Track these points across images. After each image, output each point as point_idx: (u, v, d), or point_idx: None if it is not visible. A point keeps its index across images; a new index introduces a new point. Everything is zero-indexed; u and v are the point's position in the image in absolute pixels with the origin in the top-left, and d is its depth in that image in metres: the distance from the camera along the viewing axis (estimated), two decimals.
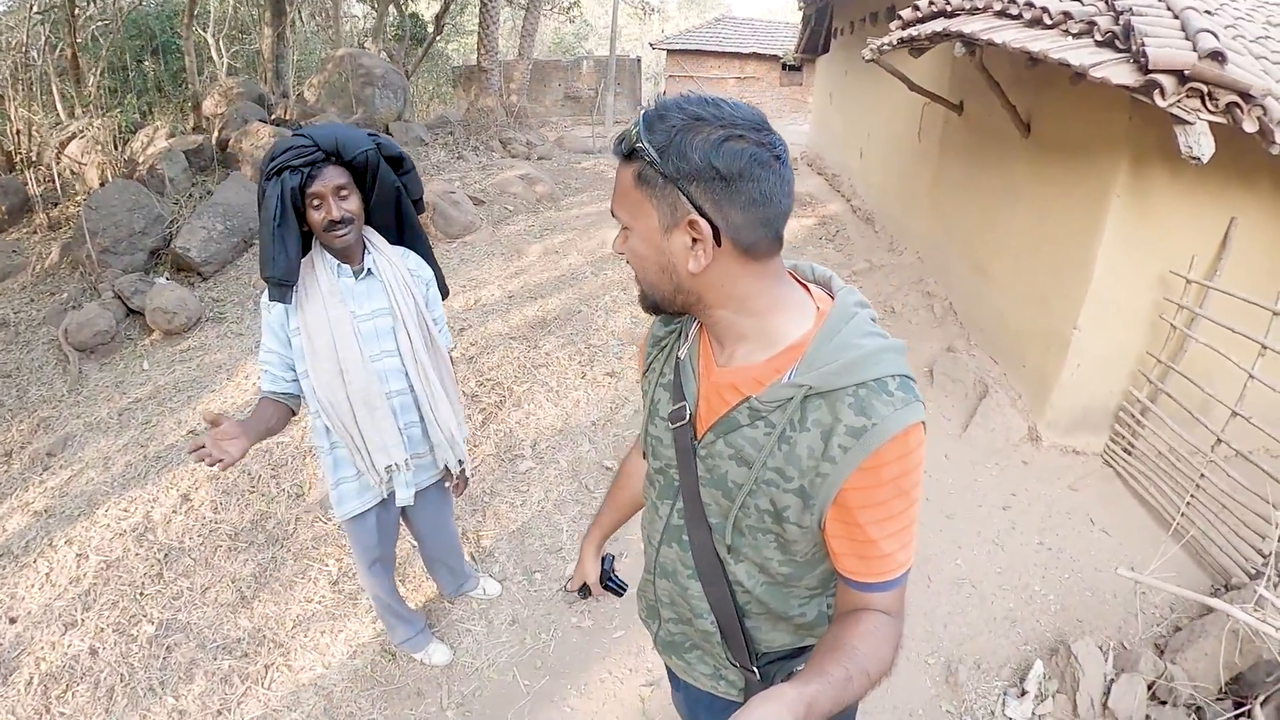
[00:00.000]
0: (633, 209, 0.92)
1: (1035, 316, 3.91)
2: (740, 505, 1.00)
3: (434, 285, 2.14)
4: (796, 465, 0.93)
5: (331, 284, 1.90)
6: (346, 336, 1.90)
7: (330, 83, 9.18)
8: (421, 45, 15.83)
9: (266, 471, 3.69)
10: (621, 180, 0.93)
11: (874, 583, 0.96)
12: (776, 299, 0.96)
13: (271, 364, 1.92)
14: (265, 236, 1.77)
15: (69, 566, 3.15)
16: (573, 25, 21.91)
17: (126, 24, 10.83)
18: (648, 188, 0.89)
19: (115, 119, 7.99)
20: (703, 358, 1.06)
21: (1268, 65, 2.60)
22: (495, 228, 7.42)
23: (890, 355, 0.91)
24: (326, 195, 1.79)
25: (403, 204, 2.03)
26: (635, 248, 0.95)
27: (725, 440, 0.99)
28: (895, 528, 0.93)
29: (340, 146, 1.79)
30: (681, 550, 1.13)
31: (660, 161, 0.86)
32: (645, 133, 0.87)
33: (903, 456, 0.89)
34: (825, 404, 0.90)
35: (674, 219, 0.89)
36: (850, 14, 8.90)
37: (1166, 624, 2.74)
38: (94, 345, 5.37)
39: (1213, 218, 3.25)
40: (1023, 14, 3.16)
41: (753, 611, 1.11)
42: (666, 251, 0.92)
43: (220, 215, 6.40)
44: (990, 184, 4.58)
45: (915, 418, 0.89)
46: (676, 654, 1.27)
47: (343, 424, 1.96)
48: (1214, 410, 3.20)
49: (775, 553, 1.03)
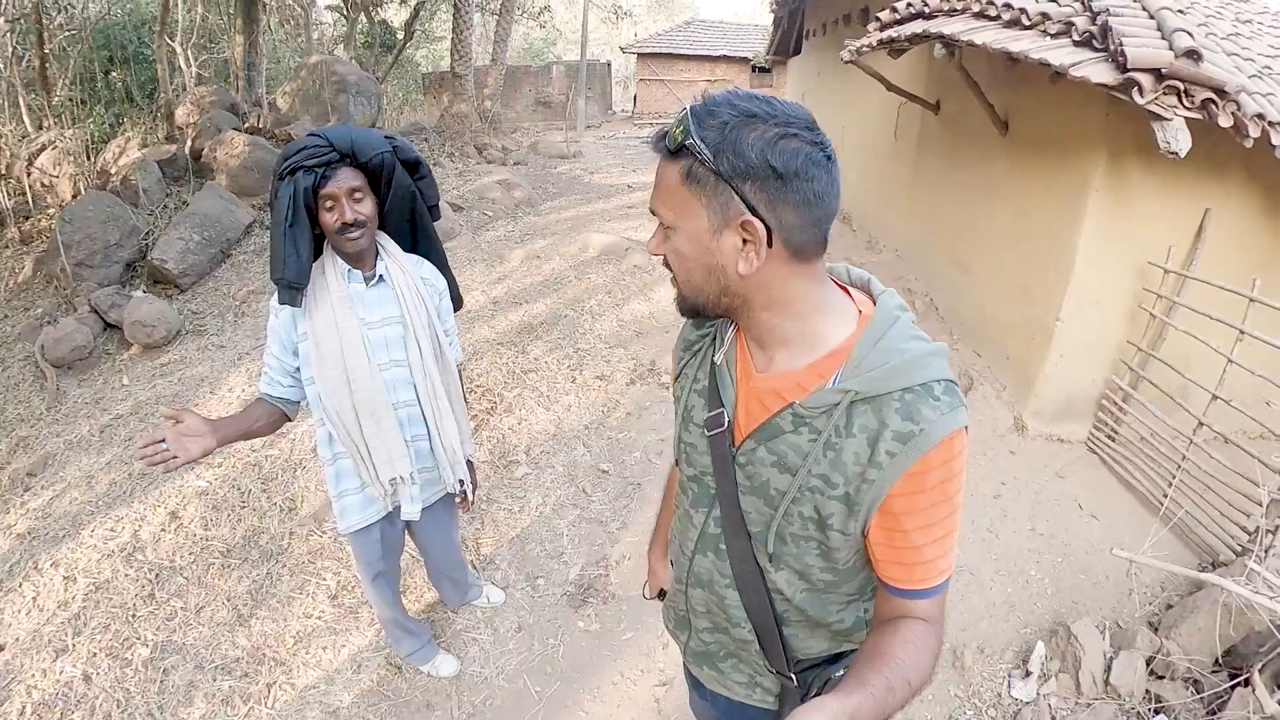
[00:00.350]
0: (679, 208, 0.89)
1: (1017, 309, 4.00)
2: (784, 513, 0.98)
3: (447, 296, 2.09)
4: (842, 472, 0.91)
5: (341, 289, 1.85)
6: (354, 344, 1.86)
7: (304, 90, 9.09)
8: (391, 52, 15.74)
9: (257, 486, 3.64)
10: (665, 177, 0.89)
11: (916, 589, 0.95)
12: (820, 302, 0.94)
13: (272, 368, 1.89)
14: (275, 237, 1.74)
15: (56, 590, 3.07)
16: (543, 30, 21.88)
17: (95, 34, 10.62)
18: (697, 186, 0.86)
19: (86, 130, 7.83)
20: (740, 363, 1.03)
21: (1239, 62, 2.70)
22: (475, 234, 7.39)
23: (935, 360, 0.90)
24: (340, 197, 1.75)
25: (417, 210, 2.00)
26: (680, 248, 0.91)
27: (767, 447, 0.97)
28: (939, 534, 0.92)
29: (355, 148, 1.76)
30: (718, 559, 1.11)
31: (713, 159, 0.83)
32: (696, 128, 0.84)
33: (948, 461, 0.88)
34: (871, 409, 0.89)
35: (725, 219, 0.86)
36: (823, 16, 9.01)
37: (1159, 602, 2.82)
38: (72, 361, 5.25)
39: (1188, 209, 3.36)
40: (1001, 15, 3.24)
41: (791, 619, 1.10)
42: (715, 252, 0.89)
43: (197, 226, 6.29)
44: (969, 181, 4.67)
45: (960, 423, 0.88)
46: (709, 664, 1.25)
47: (348, 433, 1.92)
48: (1194, 395, 3.30)
49: (817, 560, 1.01)
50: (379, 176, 1.84)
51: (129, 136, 8.11)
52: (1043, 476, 3.62)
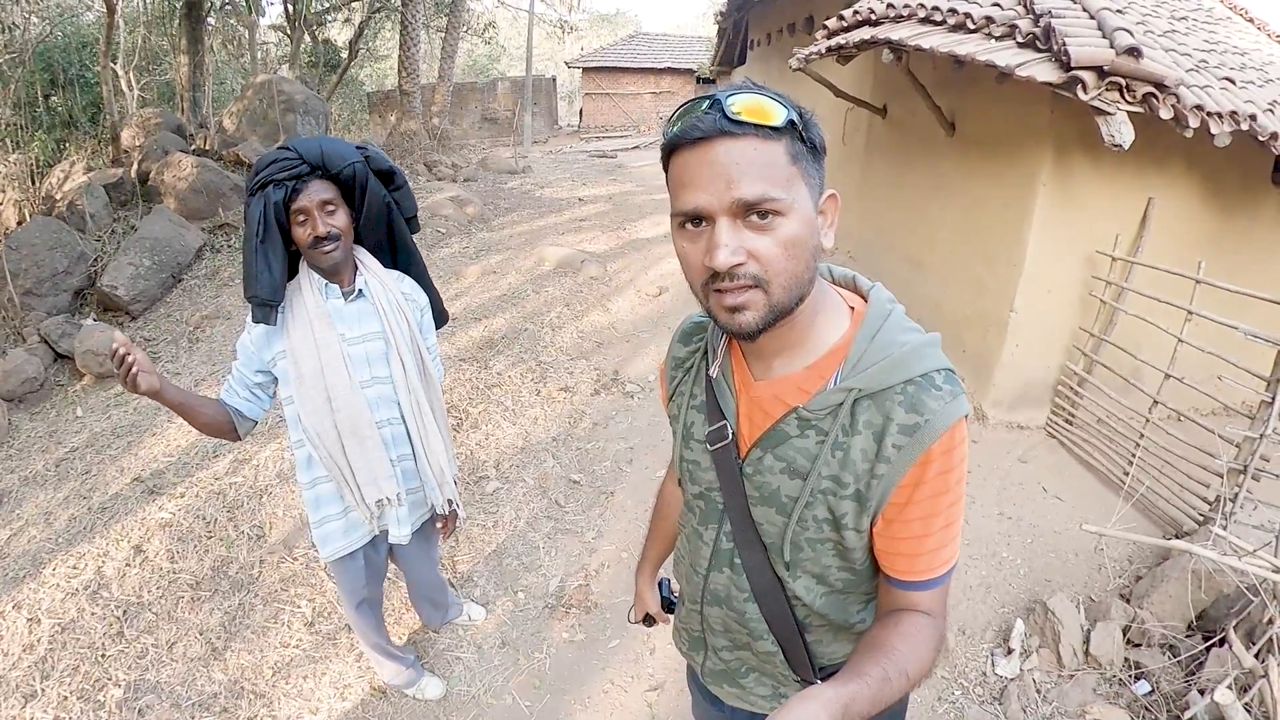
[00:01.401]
0: (791, 189, 0.81)
1: (972, 303, 4.13)
2: (797, 519, 0.96)
3: (428, 312, 2.05)
4: (852, 470, 0.90)
5: (319, 305, 1.80)
6: (334, 361, 1.80)
7: (250, 110, 8.92)
8: (335, 71, 15.56)
9: (223, 515, 3.53)
10: (769, 159, 0.80)
11: (919, 580, 0.95)
12: (823, 294, 0.94)
13: (233, 379, 1.84)
14: (247, 254, 1.70)
15: (20, 633, 2.93)
16: (487, 47, 21.87)
17: (35, 57, 10.28)
18: (802, 163, 0.83)
19: (29, 154, 7.55)
20: (737, 373, 1.01)
21: (1176, 57, 2.85)
22: (430, 251, 7.32)
23: (932, 349, 0.90)
24: (311, 210, 1.70)
25: (394, 221, 1.94)
26: (793, 235, 0.82)
27: (775, 454, 0.96)
28: (942, 523, 0.92)
29: (326, 159, 1.71)
30: (734, 574, 1.09)
31: (807, 134, 0.83)
32: (791, 104, 0.82)
33: (949, 451, 0.88)
34: (875, 405, 0.88)
35: (818, 195, 0.86)
36: (767, 26, 9.21)
37: (1128, 574, 2.94)
38: (22, 394, 5.03)
39: (1132, 199, 3.53)
40: (947, 19, 3.37)
41: (814, 625, 1.08)
42: (818, 232, 0.87)
43: (147, 250, 6.10)
44: (918, 181, 4.81)
45: (963, 410, 0.88)
46: (729, 682, 1.22)
47: (330, 455, 1.86)
48: (1147, 375, 3.46)
49: (834, 560, 1.00)
50: (352, 188, 1.79)
51: (73, 161, 7.85)
52: (1006, 462, 3.73)
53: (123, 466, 4.09)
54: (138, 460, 4.12)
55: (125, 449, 4.28)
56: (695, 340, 1.11)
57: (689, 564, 1.19)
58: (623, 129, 21.30)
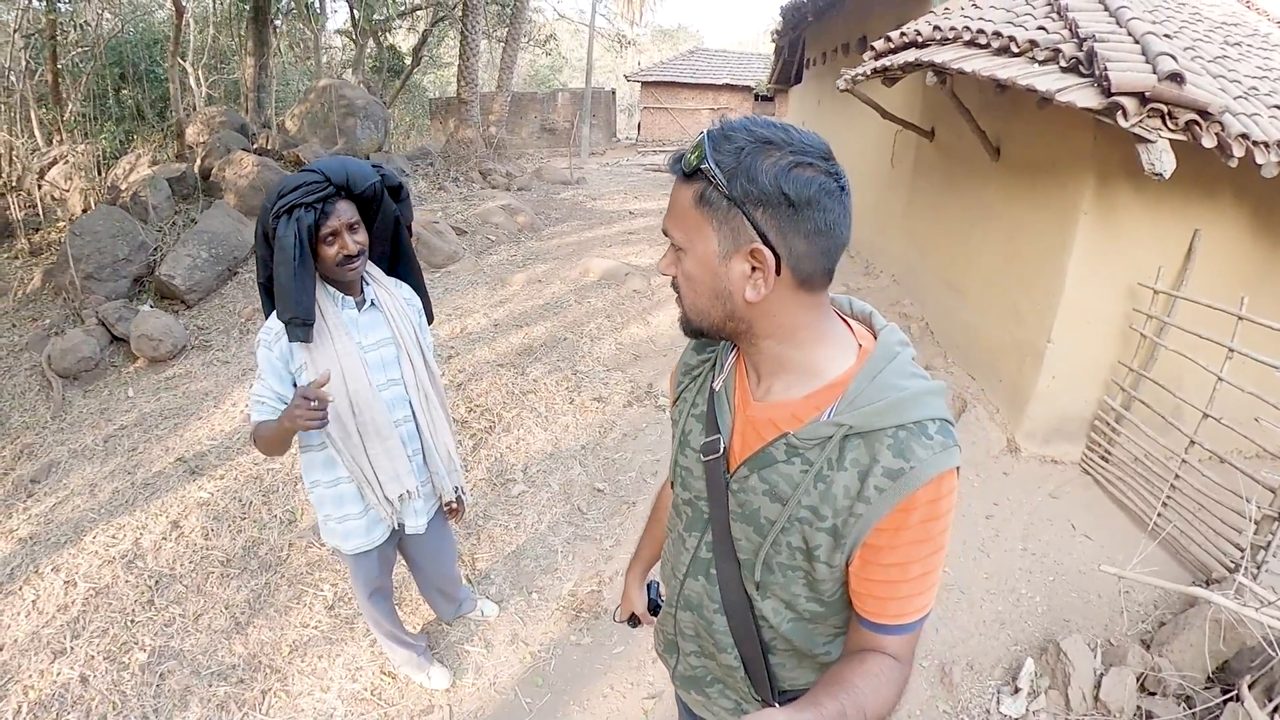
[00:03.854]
0: (690, 230, 0.89)
1: (1009, 331, 4.05)
2: (772, 542, 0.98)
3: (424, 314, 2.15)
4: (831, 504, 0.91)
5: (337, 317, 1.90)
6: (356, 368, 1.90)
7: (312, 113, 9.25)
8: (399, 77, 16.02)
9: (258, 498, 3.67)
10: (679, 199, 0.89)
11: (889, 624, 0.95)
12: (822, 333, 0.95)
13: (268, 399, 1.87)
14: (285, 278, 1.74)
15: (56, 594, 3.10)
16: (548, 58, 22.27)
17: (107, 52, 10.83)
18: (709, 210, 0.86)
19: (97, 145, 7.97)
20: (739, 390, 1.03)
21: (1225, 84, 2.77)
22: (478, 257, 7.49)
23: (931, 398, 0.90)
24: (341, 231, 1.79)
25: (400, 233, 2.05)
26: (689, 270, 0.91)
27: (760, 475, 0.97)
28: (918, 572, 0.92)
29: (351, 180, 1.79)
30: (708, 584, 1.11)
31: (726, 183, 0.83)
32: (712, 152, 0.84)
33: (934, 501, 0.88)
34: (864, 444, 0.89)
35: (735, 244, 0.86)
36: (823, 45, 9.19)
37: (1151, 620, 2.83)
38: (78, 372, 5.31)
39: (1177, 230, 3.42)
40: (991, 43, 3.33)
41: (778, 648, 1.09)
42: (723, 277, 0.89)
43: (205, 243, 6.39)
44: (962, 206, 4.75)
45: (951, 463, 0.88)
46: (696, 689, 1.24)
47: (353, 457, 1.95)
48: (1187, 414, 3.33)
49: (803, 589, 1.01)
50: (370, 205, 1.89)
51: (139, 153, 8.27)
52: (1036, 497, 3.64)
53: (168, 446, 4.29)
54: (182, 441, 4.31)
55: (171, 430, 4.48)
56: (707, 351, 1.13)
57: (670, 567, 1.21)
58: (680, 143, 21.41)
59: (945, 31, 3.76)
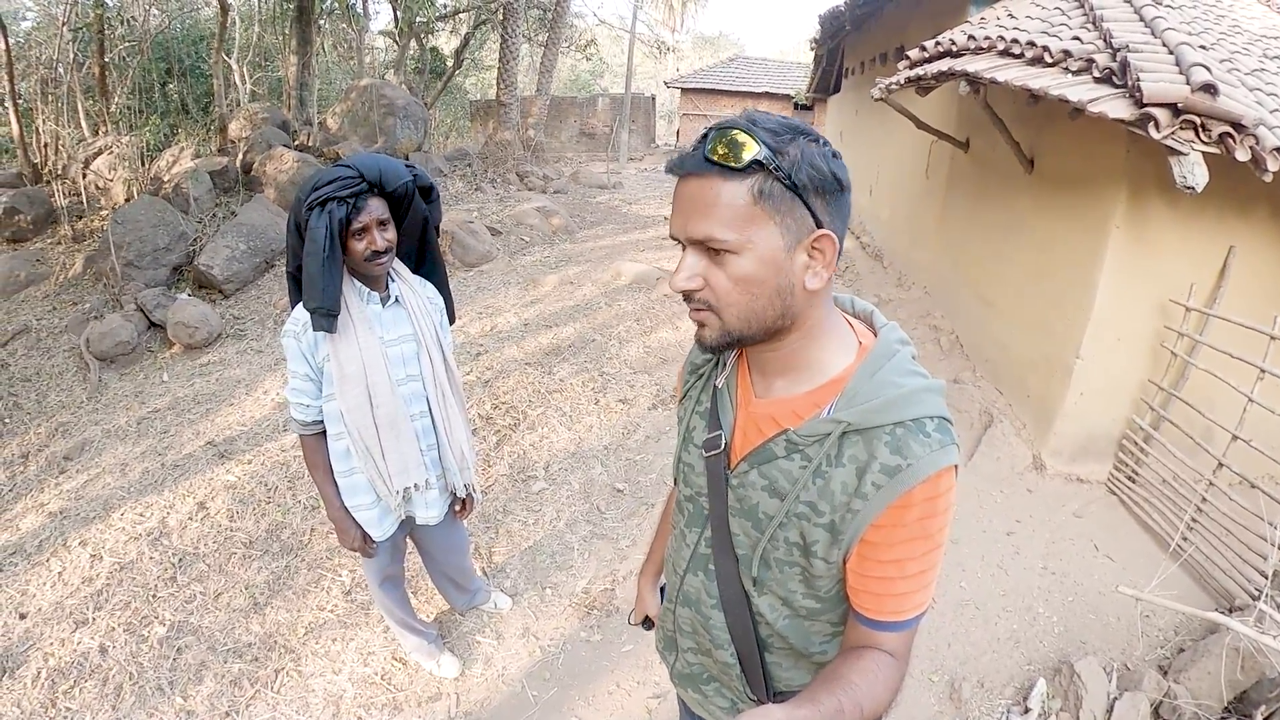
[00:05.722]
0: (746, 229, 0.84)
1: (1038, 346, 3.98)
2: (769, 537, 0.98)
3: (445, 314, 2.19)
4: (829, 500, 0.92)
5: (362, 311, 1.95)
6: (376, 362, 1.95)
7: (353, 112, 9.45)
8: (440, 79, 16.27)
9: (284, 483, 3.76)
10: (724, 198, 0.83)
11: (886, 621, 0.95)
12: (829, 327, 0.95)
13: (305, 392, 1.95)
14: (314, 268, 1.78)
15: (82, 566, 3.21)
16: (589, 63, 22.41)
17: (154, 46, 11.16)
18: (770, 203, 0.83)
19: (142, 137, 8.22)
20: (741, 387, 1.04)
21: (1261, 96, 2.70)
22: (512, 258, 7.57)
23: (930, 396, 0.90)
24: (371, 226, 1.83)
25: (427, 232, 2.09)
26: (745, 273, 0.86)
27: (759, 471, 0.98)
28: (915, 569, 0.92)
29: (384, 178, 1.83)
30: (707, 580, 1.11)
31: (788, 174, 0.82)
32: (771, 142, 0.82)
33: (931, 499, 0.88)
34: (862, 441, 0.89)
35: (799, 236, 0.85)
36: (861, 54, 9.14)
37: (1170, 646, 2.75)
38: (114, 355, 5.49)
39: (1211, 246, 3.33)
40: (1024, 53, 3.29)
41: (774, 646, 1.09)
42: (788, 272, 0.87)
43: (244, 236, 6.56)
44: (995, 218, 4.68)
45: (949, 461, 0.88)
46: (693, 686, 1.24)
47: (367, 447, 2.00)
48: (1218, 436, 3.24)
49: (800, 586, 1.01)
50: (401, 204, 1.93)
51: (183, 146, 8.51)
52: (1059, 515, 3.56)
53: (198, 430, 4.40)
54: (213, 426, 4.43)
55: (203, 415, 4.60)
56: None
57: (672, 563, 1.22)
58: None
59: (979, 41, 3.72)
